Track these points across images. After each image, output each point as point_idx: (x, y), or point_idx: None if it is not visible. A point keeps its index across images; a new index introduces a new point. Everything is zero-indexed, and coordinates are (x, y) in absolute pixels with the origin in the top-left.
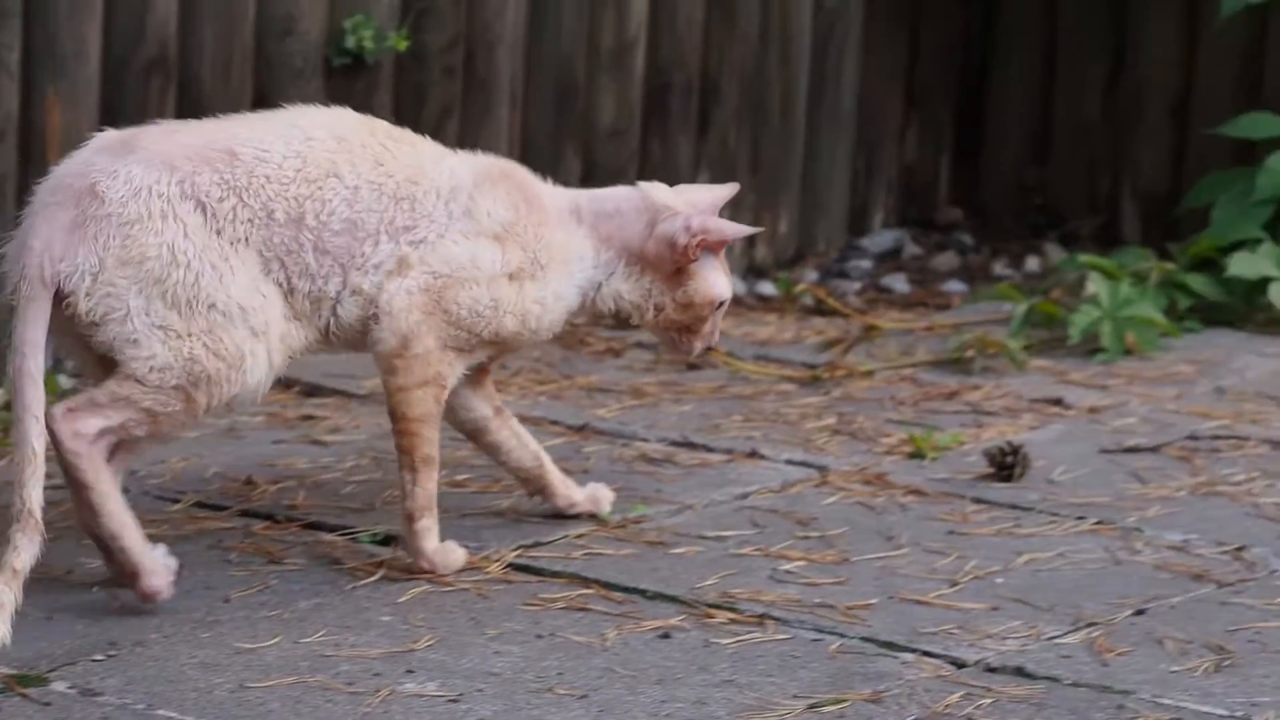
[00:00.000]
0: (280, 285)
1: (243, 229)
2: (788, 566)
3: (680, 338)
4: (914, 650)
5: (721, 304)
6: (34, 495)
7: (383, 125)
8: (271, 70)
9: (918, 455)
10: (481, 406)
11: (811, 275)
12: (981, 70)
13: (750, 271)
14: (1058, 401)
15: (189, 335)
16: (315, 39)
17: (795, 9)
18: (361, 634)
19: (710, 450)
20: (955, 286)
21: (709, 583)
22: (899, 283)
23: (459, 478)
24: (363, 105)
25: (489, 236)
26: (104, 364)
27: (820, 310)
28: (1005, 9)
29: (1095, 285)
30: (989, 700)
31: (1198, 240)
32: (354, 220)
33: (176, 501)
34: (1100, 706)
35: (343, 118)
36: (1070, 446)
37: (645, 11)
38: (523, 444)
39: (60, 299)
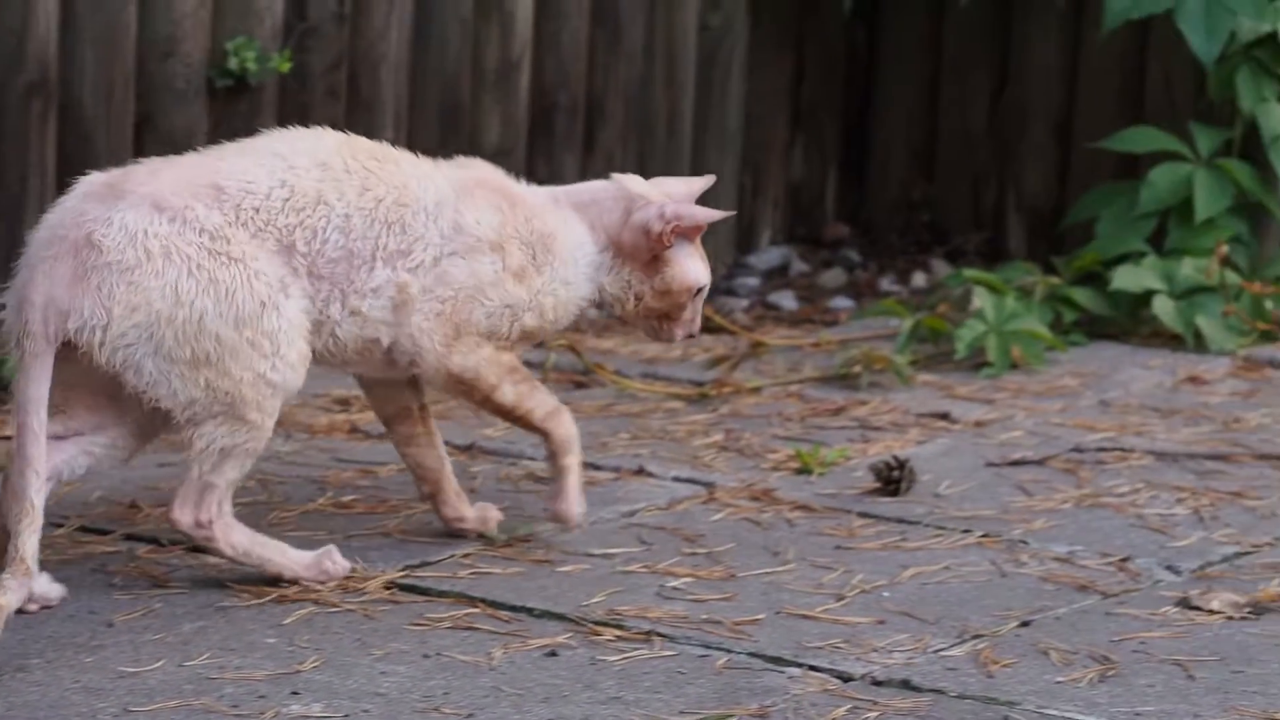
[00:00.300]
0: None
1: (242, 247)
2: (675, 583)
3: (661, 325)
4: (800, 665)
5: (700, 290)
6: (28, 544)
7: (364, 144)
8: (154, 92)
9: (805, 471)
10: (408, 397)
11: None
12: (866, 87)
13: None
14: (944, 416)
15: (198, 366)
16: (198, 60)
17: (679, 28)
18: (246, 656)
19: (598, 468)
20: (842, 303)
21: (596, 600)
22: (786, 299)
23: (345, 499)
24: (246, 127)
25: (485, 245)
26: (90, 407)
27: (708, 328)
28: (890, 26)
29: (981, 300)
30: (875, 714)
31: (1082, 254)
32: (350, 249)
33: (60, 526)
34: (986, 718)
35: (323, 141)
36: (956, 460)
37: (530, 31)
38: (433, 444)
39: (72, 350)
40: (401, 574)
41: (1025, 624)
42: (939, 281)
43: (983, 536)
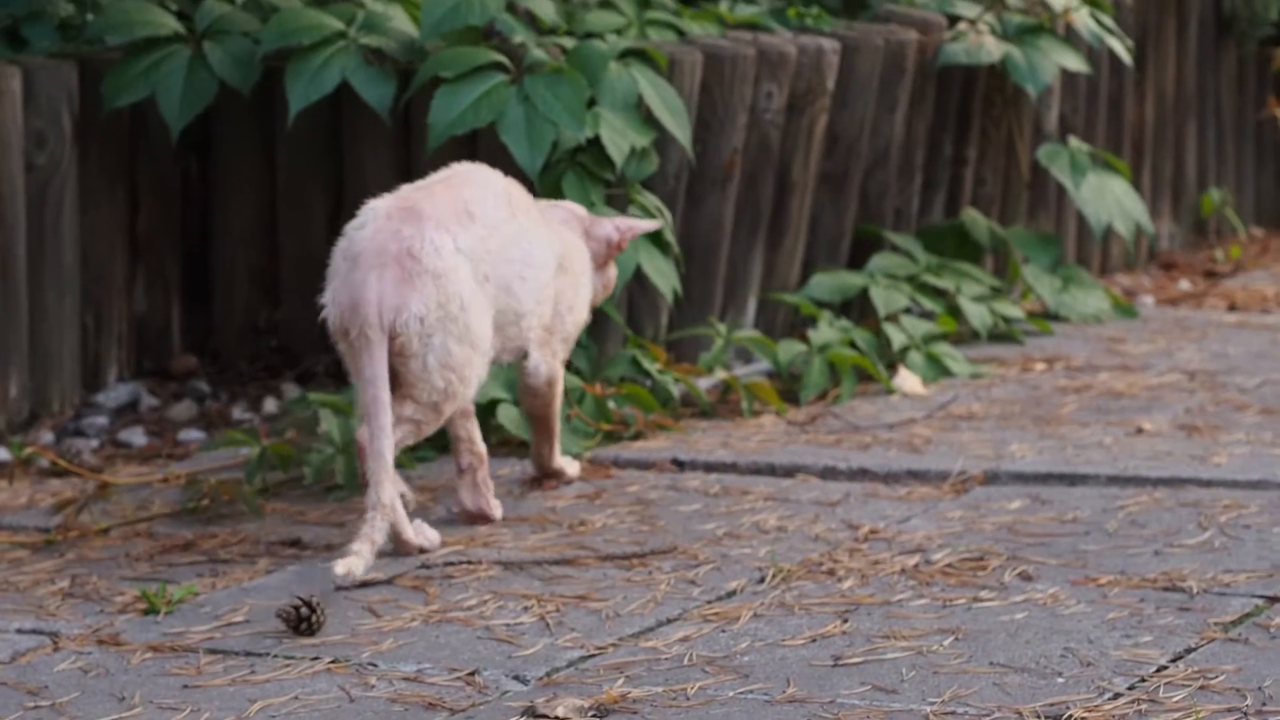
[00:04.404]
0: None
1: (485, 270)
2: None
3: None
4: None
5: None
6: (387, 491)
7: (509, 179)
8: None
9: (152, 611)
10: None
11: (47, 436)
12: (205, 216)
13: None
14: (295, 542)
15: (455, 367)
16: None
17: (4, 169)
18: None
19: None
20: (194, 435)
21: None
22: (137, 436)
23: None
24: None
25: (561, 266)
26: None
27: (57, 472)
28: (222, 153)
29: (327, 422)
30: None
31: None
32: (527, 262)
33: None
34: None
35: (496, 173)
36: (305, 587)
37: None
38: None
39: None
40: None
41: None
42: (286, 407)
43: (331, 663)
